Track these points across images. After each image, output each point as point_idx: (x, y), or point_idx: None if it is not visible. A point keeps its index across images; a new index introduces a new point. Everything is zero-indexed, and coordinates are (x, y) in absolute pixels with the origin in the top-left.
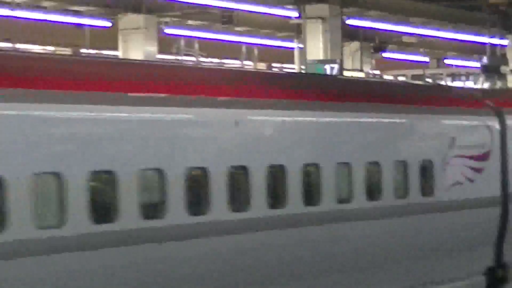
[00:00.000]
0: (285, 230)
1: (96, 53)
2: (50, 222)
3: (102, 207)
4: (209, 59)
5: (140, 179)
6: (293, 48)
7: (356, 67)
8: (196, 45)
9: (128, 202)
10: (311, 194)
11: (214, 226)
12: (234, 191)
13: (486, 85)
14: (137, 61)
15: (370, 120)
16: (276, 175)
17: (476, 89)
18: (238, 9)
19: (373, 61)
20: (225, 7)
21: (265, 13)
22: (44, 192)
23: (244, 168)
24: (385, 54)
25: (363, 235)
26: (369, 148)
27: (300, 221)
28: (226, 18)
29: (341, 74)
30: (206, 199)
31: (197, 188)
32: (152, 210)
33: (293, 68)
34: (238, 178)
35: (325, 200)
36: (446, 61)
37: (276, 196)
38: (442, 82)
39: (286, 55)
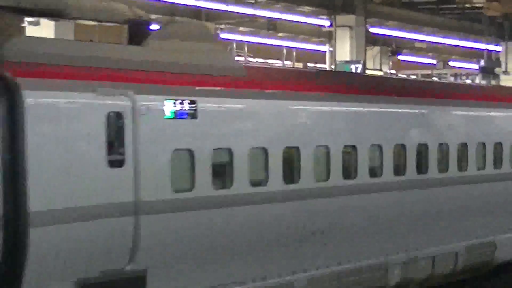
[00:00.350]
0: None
1: None
2: None
3: None
4: (256, 60)
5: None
6: (324, 51)
7: (376, 67)
8: (246, 48)
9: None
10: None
11: None
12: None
13: (483, 83)
14: None
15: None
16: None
17: None
18: (281, 18)
19: (390, 63)
20: (270, 17)
21: (303, 22)
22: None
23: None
24: (400, 57)
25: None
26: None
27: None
28: (271, 26)
29: (364, 72)
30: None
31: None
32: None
33: (325, 67)
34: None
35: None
36: (451, 63)
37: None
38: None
39: (320, 57)
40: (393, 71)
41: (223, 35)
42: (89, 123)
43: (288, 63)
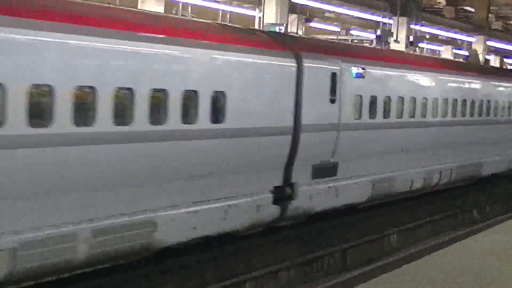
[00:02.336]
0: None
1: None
2: None
3: None
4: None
5: None
6: (254, 15)
7: (293, 31)
8: (189, 9)
9: None
10: None
11: None
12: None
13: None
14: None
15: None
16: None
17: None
18: None
19: (304, 28)
20: None
21: None
22: None
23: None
24: (312, 24)
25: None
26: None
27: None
28: None
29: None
30: None
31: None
32: None
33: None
34: None
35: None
36: (352, 32)
37: None
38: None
39: (251, 20)
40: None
41: None
42: None
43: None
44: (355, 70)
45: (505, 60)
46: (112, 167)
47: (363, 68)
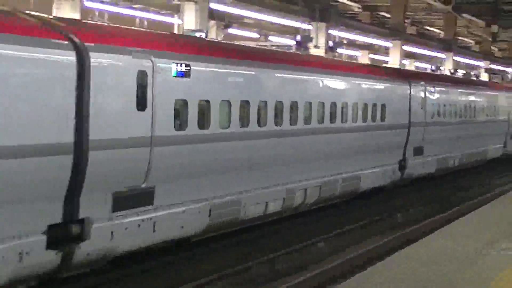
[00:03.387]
0: None
1: None
2: None
3: None
4: None
5: None
6: (172, 22)
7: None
8: (106, 16)
9: None
10: None
11: None
12: None
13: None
14: None
15: None
16: None
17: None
18: None
19: (222, 35)
20: None
21: None
22: None
23: None
24: (230, 30)
25: None
26: None
27: None
28: None
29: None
30: None
31: None
32: None
33: None
34: None
35: None
36: (270, 38)
37: None
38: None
39: (168, 27)
40: None
41: (87, 4)
42: None
43: None
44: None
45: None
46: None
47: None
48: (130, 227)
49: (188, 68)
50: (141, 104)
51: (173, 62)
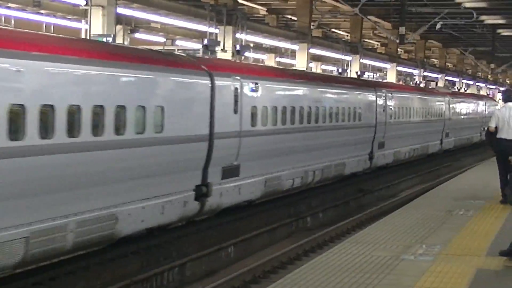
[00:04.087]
0: None
1: None
2: None
3: None
4: None
5: None
6: (78, 27)
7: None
8: (12, 22)
9: None
10: None
11: None
12: None
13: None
14: None
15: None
16: None
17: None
18: None
19: (129, 39)
20: None
21: (62, 0)
22: None
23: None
24: (137, 35)
25: None
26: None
27: None
28: (36, 3)
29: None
30: None
31: None
32: None
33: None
34: None
35: None
36: (177, 42)
37: None
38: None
39: (75, 32)
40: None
41: None
42: None
43: None
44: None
45: (324, 66)
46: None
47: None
48: (229, 190)
49: (257, 85)
50: (235, 109)
51: (250, 82)
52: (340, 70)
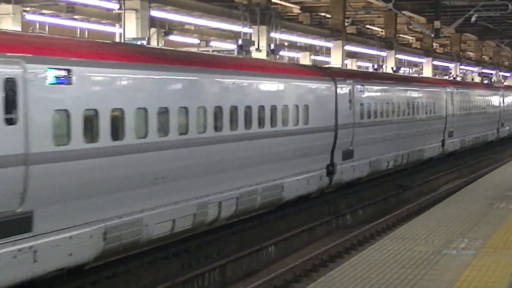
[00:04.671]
0: None
1: None
2: None
3: None
4: None
5: None
6: (113, 31)
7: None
8: (47, 28)
9: None
10: None
11: None
12: None
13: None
14: None
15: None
16: None
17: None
18: (78, 2)
19: (163, 42)
20: (69, 1)
21: (96, 5)
22: None
23: None
24: (171, 37)
25: None
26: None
27: None
28: (70, 8)
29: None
30: None
31: None
32: None
33: None
34: None
35: None
36: (212, 43)
37: None
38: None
39: (109, 36)
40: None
41: (28, 17)
42: None
43: None
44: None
45: (359, 63)
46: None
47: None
48: (347, 169)
49: (363, 86)
50: (350, 106)
51: (358, 85)
52: (375, 66)
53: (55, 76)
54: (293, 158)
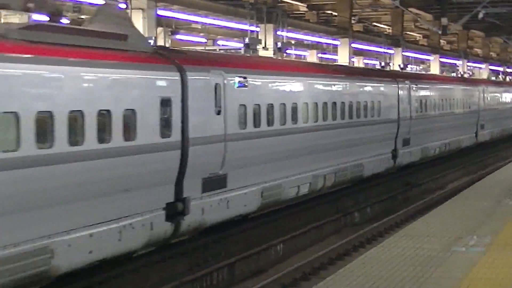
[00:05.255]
0: None
1: None
2: None
3: None
4: None
5: None
6: None
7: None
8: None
9: None
10: None
11: None
12: None
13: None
14: None
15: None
16: None
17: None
18: (86, 1)
19: (170, 41)
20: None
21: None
22: None
23: None
24: (178, 36)
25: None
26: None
27: None
28: (76, 9)
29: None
30: None
31: None
32: None
33: None
34: None
35: None
36: (219, 41)
37: None
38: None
39: None
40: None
41: (35, 17)
42: None
43: None
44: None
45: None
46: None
47: None
48: (403, 154)
49: (416, 85)
50: (407, 101)
51: (413, 84)
52: (382, 64)
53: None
54: (370, 143)
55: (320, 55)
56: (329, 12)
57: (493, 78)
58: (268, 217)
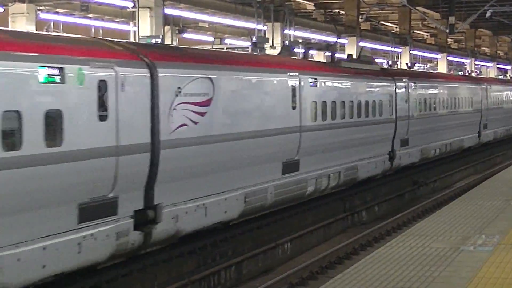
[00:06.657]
0: None
1: None
2: None
3: None
4: None
5: None
6: (126, 29)
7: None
8: (61, 27)
9: None
10: None
11: None
12: None
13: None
14: None
15: None
16: None
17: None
18: (92, 0)
19: (177, 39)
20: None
21: (110, 4)
22: None
23: None
24: (185, 35)
25: None
26: None
27: None
28: (84, 7)
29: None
30: None
31: None
32: None
33: None
34: None
35: None
36: (226, 40)
37: None
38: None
39: (123, 34)
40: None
41: (42, 16)
42: None
43: None
44: None
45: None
46: None
47: None
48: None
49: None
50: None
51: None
52: (390, 62)
53: None
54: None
55: (327, 53)
56: (336, 10)
57: (501, 76)
58: (275, 216)
